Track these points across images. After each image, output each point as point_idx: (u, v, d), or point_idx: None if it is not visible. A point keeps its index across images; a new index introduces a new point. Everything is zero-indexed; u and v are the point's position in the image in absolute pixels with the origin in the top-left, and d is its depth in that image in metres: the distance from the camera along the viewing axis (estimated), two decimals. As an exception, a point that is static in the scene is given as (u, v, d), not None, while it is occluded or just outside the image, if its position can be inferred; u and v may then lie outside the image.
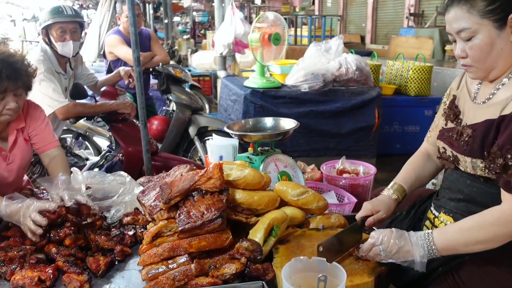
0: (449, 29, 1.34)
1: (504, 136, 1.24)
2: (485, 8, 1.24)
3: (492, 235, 1.26)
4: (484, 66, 1.32)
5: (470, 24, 1.27)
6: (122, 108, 2.79)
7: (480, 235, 1.27)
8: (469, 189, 1.40)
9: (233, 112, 4.28)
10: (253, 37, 3.78)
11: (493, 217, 1.27)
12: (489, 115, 1.31)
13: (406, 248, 1.31)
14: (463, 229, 1.30)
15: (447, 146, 1.49)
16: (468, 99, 1.46)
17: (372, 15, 12.15)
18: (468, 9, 1.26)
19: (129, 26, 2.24)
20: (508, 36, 1.27)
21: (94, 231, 1.61)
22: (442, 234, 1.31)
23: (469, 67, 1.35)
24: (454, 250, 1.31)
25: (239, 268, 1.32)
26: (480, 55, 1.29)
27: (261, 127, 2.03)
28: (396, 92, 4.88)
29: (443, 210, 1.48)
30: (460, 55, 1.34)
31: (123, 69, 3.10)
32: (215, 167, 1.52)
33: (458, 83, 1.57)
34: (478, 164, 1.34)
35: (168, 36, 10.74)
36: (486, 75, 1.35)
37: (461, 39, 1.31)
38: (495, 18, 1.24)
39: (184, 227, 1.39)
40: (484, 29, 1.26)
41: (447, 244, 1.30)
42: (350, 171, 2.46)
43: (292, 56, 6.09)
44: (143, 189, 1.75)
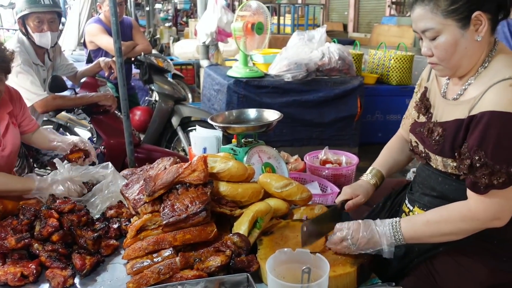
0: (415, 28, 1.34)
1: (472, 137, 1.25)
2: (448, 8, 1.24)
3: (457, 230, 1.31)
4: (449, 65, 1.32)
5: (434, 24, 1.26)
6: (103, 100, 2.75)
7: (446, 229, 1.32)
8: (441, 186, 1.42)
9: (216, 102, 4.26)
10: (236, 26, 3.76)
11: (460, 213, 1.31)
12: (458, 114, 1.32)
13: (375, 239, 1.34)
14: (430, 222, 1.33)
15: (419, 142, 1.50)
16: (438, 94, 1.47)
17: (354, 4, 12.17)
18: (432, 9, 1.26)
19: (110, 16, 2.20)
20: (472, 35, 1.27)
21: (79, 226, 1.60)
22: (410, 225, 1.35)
23: (435, 65, 1.36)
24: (419, 239, 1.37)
25: (224, 261, 1.33)
26: (445, 54, 1.30)
27: (244, 118, 2.03)
28: (378, 81, 4.92)
29: (417, 205, 1.51)
30: (427, 53, 1.34)
31: (103, 60, 3.04)
32: (199, 159, 1.52)
33: (428, 73, 1.57)
34: (449, 163, 1.36)
35: (149, 24, 10.56)
36: (452, 73, 1.36)
37: (426, 38, 1.32)
38: (458, 17, 1.24)
39: (168, 221, 1.39)
40: (448, 29, 1.26)
41: (414, 235, 1.34)
42: (333, 161, 2.48)
43: (275, 45, 6.07)
44: (127, 182, 1.74)
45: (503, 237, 1.36)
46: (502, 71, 1.26)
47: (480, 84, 1.29)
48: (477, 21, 1.25)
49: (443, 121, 1.39)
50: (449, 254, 1.40)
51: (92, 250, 1.49)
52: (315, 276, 1.17)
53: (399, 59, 4.70)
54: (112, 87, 3.71)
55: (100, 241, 1.53)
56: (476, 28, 1.26)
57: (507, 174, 1.19)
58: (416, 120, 1.55)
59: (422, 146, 1.47)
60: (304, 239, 1.39)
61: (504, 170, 1.19)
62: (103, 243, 1.53)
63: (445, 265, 1.40)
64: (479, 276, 1.36)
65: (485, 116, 1.21)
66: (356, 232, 1.35)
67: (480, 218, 1.28)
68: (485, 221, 1.28)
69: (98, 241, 1.52)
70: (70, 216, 1.59)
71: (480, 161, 1.22)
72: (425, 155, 1.46)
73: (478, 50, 1.30)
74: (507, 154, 1.19)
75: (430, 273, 1.41)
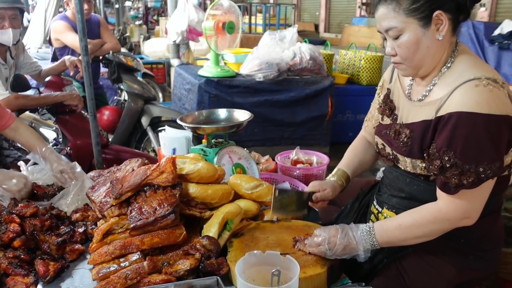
0: (378, 28, 1.36)
1: (441, 137, 1.26)
2: (410, 7, 1.26)
3: (429, 232, 1.33)
4: (412, 64, 1.34)
5: (397, 22, 1.28)
6: (69, 100, 2.66)
7: (418, 232, 1.34)
8: (410, 188, 1.44)
9: (187, 102, 4.22)
10: (207, 25, 3.73)
11: (431, 215, 1.33)
12: (425, 115, 1.34)
13: (351, 246, 1.35)
14: (402, 227, 1.35)
15: (385, 144, 1.51)
16: (403, 95, 1.48)
17: (325, 4, 12.29)
18: (394, 8, 1.28)
19: (76, 13, 2.14)
20: (433, 34, 1.29)
21: (43, 231, 1.54)
22: (383, 231, 1.36)
23: (399, 64, 1.37)
24: (394, 243, 1.39)
25: (193, 264, 1.31)
26: (408, 53, 1.31)
27: (214, 119, 2.01)
28: (349, 81, 4.98)
29: (385, 206, 1.52)
30: (390, 52, 1.36)
31: (69, 58, 2.94)
32: (168, 161, 1.49)
33: (390, 75, 1.59)
34: (418, 164, 1.38)
35: (119, 22, 10.37)
36: (415, 73, 1.38)
37: (390, 37, 1.33)
38: (420, 16, 1.27)
39: (136, 224, 1.35)
40: (410, 28, 1.28)
41: (388, 239, 1.36)
42: (304, 161, 2.48)
43: (247, 44, 6.06)
44: (93, 185, 1.69)
45: (469, 236, 1.38)
46: (467, 72, 1.28)
47: (445, 84, 1.31)
48: (438, 20, 1.28)
49: (409, 122, 1.40)
50: (417, 254, 1.42)
51: (56, 255, 1.44)
52: (285, 278, 1.16)
53: (369, 60, 4.77)
54: (79, 86, 3.61)
55: (65, 246, 1.48)
56: (437, 27, 1.29)
57: (476, 173, 1.21)
58: (381, 122, 1.56)
59: (390, 148, 1.48)
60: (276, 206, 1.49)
61: (473, 169, 1.21)
62: (68, 248, 1.48)
63: (414, 264, 1.42)
64: (447, 275, 1.38)
65: (453, 117, 1.23)
66: (333, 238, 1.35)
67: (450, 218, 1.30)
68: (455, 220, 1.30)
69: (63, 246, 1.47)
70: (32, 220, 1.53)
71: (449, 161, 1.24)
72: (393, 157, 1.48)
73: (440, 49, 1.33)
74: (475, 154, 1.21)
75: (399, 273, 1.43)
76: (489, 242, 1.43)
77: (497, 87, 1.22)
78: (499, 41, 4.20)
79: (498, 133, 1.21)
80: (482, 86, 1.21)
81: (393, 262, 1.45)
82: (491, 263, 1.44)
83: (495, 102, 1.20)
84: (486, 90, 1.20)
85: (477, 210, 1.29)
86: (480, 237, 1.40)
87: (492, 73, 1.27)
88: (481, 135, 1.20)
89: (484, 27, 4.45)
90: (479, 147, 1.21)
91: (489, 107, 1.19)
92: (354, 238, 1.35)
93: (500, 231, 1.49)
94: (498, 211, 1.46)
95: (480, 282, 1.55)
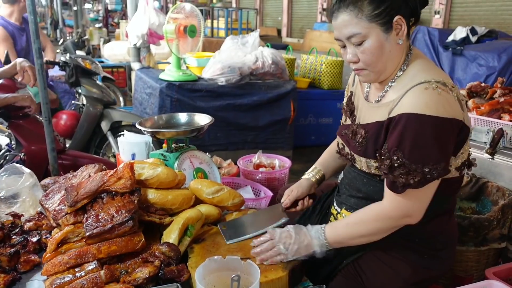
0: (338, 35, 1.36)
1: (391, 138, 1.29)
2: (372, 13, 1.28)
3: (373, 230, 1.36)
4: (376, 69, 1.36)
5: (360, 29, 1.30)
6: (20, 101, 2.53)
7: (363, 230, 1.37)
8: (366, 188, 1.47)
9: (149, 106, 4.15)
10: (168, 29, 3.68)
11: (374, 214, 1.36)
12: (379, 116, 1.37)
13: (306, 242, 1.36)
14: (349, 225, 1.38)
15: (344, 144, 1.55)
16: (362, 97, 1.51)
17: (287, 9, 12.40)
18: (357, 14, 1.29)
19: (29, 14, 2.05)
20: (394, 39, 1.32)
21: None
22: (333, 229, 1.39)
23: (361, 70, 1.38)
24: (342, 243, 1.40)
25: (153, 272, 1.28)
26: (372, 58, 1.33)
27: (175, 123, 1.97)
28: (311, 85, 5.04)
29: (344, 207, 1.54)
30: (352, 59, 1.36)
31: (20, 62, 2.79)
32: (125, 166, 1.45)
33: (353, 79, 1.62)
34: (372, 164, 1.40)
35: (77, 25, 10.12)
36: (377, 78, 1.40)
37: (351, 44, 1.34)
38: (382, 21, 1.29)
39: (92, 232, 1.30)
40: (373, 33, 1.30)
41: (337, 238, 1.38)
42: (266, 164, 2.49)
43: (209, 48, 6.03)
44: (47, 192, 1.62)
45: (423, 235, 1.42)
46: (418, 75, 1.32)
47: (399, 87, 1.35)
48: (398, 25, 1.31)
49: (365, 123, 1.43)
50: (374, 253, 1.44)
51: (7, 267, 1.37)
52: (246, 283, 1.15)
53: (330, 64, 4.85)
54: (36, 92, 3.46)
55: (18, 257, 1.41)
56: (397, 32, 1.32)
57: (422, 173, 1.25)
58: (343, 123, 1.59)
59: (348, 148, 1.51)
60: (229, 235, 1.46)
61: (420, 169, 1.24)
62: (22, 259, 1.41)
63: (370, 264, 1.44)
64: (402, 274, 1.41)
65: (402, 118, 1.26)
66: (288, 238, 1.36)
67: (392, 216, 1.33)
68: (398, 218, 1.33)
69: (16, 257, 1.40)
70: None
71: (398, 161, 1.27)
72: (350, 156, 1.50)
73: (399, 53, 1.36)
74: (422, 154, 1.25)
75: (357, 273, 1.45)
76: (443, 241, 1.46)
77: (446, 91, 1.26)
78: (453, 47, 4.35)
79: (445, 135, 1.25)
80: (431, 89, 1.25)
81: (352, 263, 1.47)
82: (446, 262, 1.48)
83: (443, 105, 1.24)
84: (435, 93, 1.24)
85: (420, 210, 1.32)
86: (433, 237, 1.44)
87: (443, 77, 1.31)
88: (428, 136, 1.23)
89: (438, 33, 4.61)
90: (426, 148, 1.24)
91: (437, 109, 1.23)
92: (309, 235, 1.37)
93: (453, 230, 1.53)
94: (451, 212, 1.51)
95: (436, 280, 1.59)
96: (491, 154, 2.45)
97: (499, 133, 2.44)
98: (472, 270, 2.09)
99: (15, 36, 3.62)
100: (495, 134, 2.45)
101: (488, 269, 1.70)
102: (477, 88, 2.99)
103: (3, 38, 3.58)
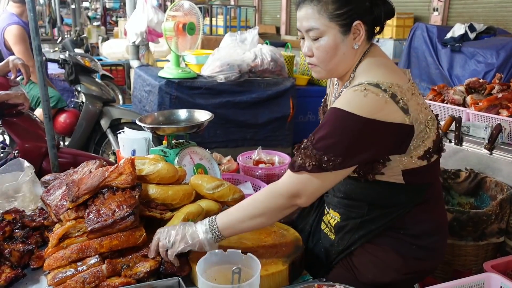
0: (299, 26, 1.38)
1: None
2: (334, 12, 1.30)
3: (263, 209, 1.33)
4: (327, 68, 1.39)
5: (319, 24, 1.32)
6: (13, 98, 2.52)
7: (254, 211, 1.34)
8: (344, 187, 1.47)
9: (148, 104, 4.15)
10: (167, 26, 3.68)
11: (266, 191, 1.35)
12: None
13: (191, 231, 1.31)
14: (240, 206, 1.36)
15: None
16: (332, 98, 1.55)
17: (286, 7, 12.41)
18: (320, 10, 1.31)
19: (28, 11, 2.05)
20: (350, 43, 1.35)
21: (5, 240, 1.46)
22: (224, 214, 1.36)
23: (314, 66, 1.41)
24: (234, 228, 1.35)
25: (154, 266, 1.29)
26: (325, 56, 1.35)
27: (174, 119, 1.98)
28: (310, 82, 5.03)
29: (331, 207, 1.55)
30: (307, 53, 1.39)
31: (13, 60, 2.77)
32: (126, 162, 1.46)
33: (329, 80, 1.64)
34: None
35: (76, 23, 10.10)
36: (328, 76, 1.43)
37: (309, 38, 1.36)
38: (342, 23, 1.31)
39: (93, 227, 1.32)
40: (331, 32, 1.32)
41: (227, 223, 1.33)
42: (266, 161, 2.50)
43: (208, 46, 6.03)
44: (48, 188, 1.63)
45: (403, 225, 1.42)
46: (357, 77, 1.36)
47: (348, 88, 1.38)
48: (356, 30, 1.34)
49: None
50: (364, 248, 1.45)
51: (15, 263, 1.38)
52: (247, 276, 1.16)
53: (328, 61, 4.85)
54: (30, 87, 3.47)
55: (30, 255, 1.42)
56: (354, 36, 1.34)
57: (319, 160, 1.25)
58: None
59: None
60: None
61: (318, 156, 1.26)
62: (35, 255, 1.42)
63: (362, 257, 1.45)
64: (394, 265, 1.42)
65: (329, 111, 1.30)
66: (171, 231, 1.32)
67: (282, 192, 1.32)
68: (288, 196, 1.31)
69: (28, 254, 1.41)
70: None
71: (305, 143, 1.30)
72: None
73: (353, 57, 1.39)
74: (327, 144, 1.26)
75: (350, 267, 1.46)
76: (427, 230, 1.45)
77: (376, 93, 1.26)
78: (451, 44, 4.36)
79: (361, 135, 1.25)
80: (359, 91, 1.27)
81: (345, 258, 1.48)
82: (436, 253, 1.47)
83: (365, 105, 1.25)
84: (361, 94, 1.26)
85: (310, 194, 1.31)
86: (415, 226, 1.43)
87: (383, 78, 1.30)
88: (340, 130, 1.25)
89: (437, 30, 4.61)
90: (332, 139, 1.26)
91: (356, 107, 1.24)
92: (194, 225, 1.33)
93: (440, 219, 1.51)
94: (434, 200, 1.48)
95: (430, 272, 1.59)
96: (490, 149, 2.47)
97: (497, 128, 2.45)
98: (471, 265, 2.11)
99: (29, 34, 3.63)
100: (493, 129, 2.46)
101: (486, 263, 1.72)
102: (475, 84, 3.00)
103: (22, 37, 3.57)
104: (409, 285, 1.53)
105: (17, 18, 3.72)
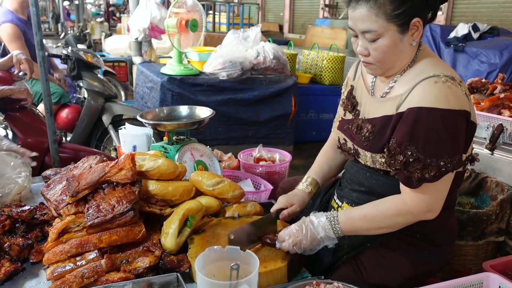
0: (353, 26, 1.35)
1: (401, 132, 1.29)
2: (392, 13, 1.26)
3: (392, 223, 1.36)
4: (385, 66, 1.37)
5: (377, 27, 1.28)
6: (17, 93, 2.53)
7: (382, 223, 1.37)
8: (369, 182, 1.47)
9: (150, 100, 4.15)
10: (169, 23, 3.68)
11: (396, 208, 1.35)
12: (386, 110, 1.37)
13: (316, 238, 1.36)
14: (367, 217, 1.37)
15: (347, 139, 1.54)
16: (365, 91, 1.50)
17: (289, 5, 12.39)
18: (376, 12, 1.27)
19: (31, 6, 2.06)
20: (409, 40, 1.32)
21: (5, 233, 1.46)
22: (348, 220, 1.38)
23: (370, 64, 1.38)
24: (356, 233, 1.41)
25: (153, 261, 1.29)
26: (383, 56, 1.33)
27: (176, 115, 1.98)
28: (312, 81, 5.04)
29: (345, 200, 1.54)
30: (363, 52, 1.36)
31: (16, 54, 2.78)
32: (127, 157, 1.46)
33: (354, 72, 1.61)
34: (377, 159, 1.40)
35: (79, 19, 10.11)
36: (384, 73, 1.40)
37: (365, 39, 1.33)
38: (400, 22, 1.28)
39: (93, 222, 1.32)
40: (389, 33, 1.29)
41: (352, 229, 1.39)
42: (266, 158, 2.50)
43: (211, 43, 6.03)
44: (48, 183, 1.64)
45: (424, 231, 1.43)
46: (426, 70, 1.32)
47: (406, 81, 1.35)
48: (414, 26, 1.31)
49: (371, 117, 1.43)
50: (375, 248, 1.45)
51: (15, 257, 1.38)
52: (245, 273, 1.16)
53: (331, 60, 4.84)
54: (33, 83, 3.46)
55: (30, 248, 1.42)
56: (412, 32, 1.31)
57: (437, 167, 1.25)
58: (343, 117, 1.58)
59: (351, 142, 1.51)
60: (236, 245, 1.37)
61: (434, 163, 1.25)
62: (34, 249, 1.43)
63: (371, 258, 1.45)
64: (401, 268, 1.42)
65: (413, 112, 1.27)
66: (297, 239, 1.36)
67: (414, 211, 1.33)
68: (419, 213, 1.33)
69: (27, 248, 1.41)
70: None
71: (412, 156, 1.27)
72: (354, 151, 1.50)
73: (410, 53, 1.37)
74: (436, 148, 1.25)
75: (357, 266, 1.46)
76: (443, 236, 1.47)
77: (454, 84, 1.26)
78: (454, 44, 4.34)
79: (456, 127, 1.26)
80: (441, 83, 1.25)
81: (353, 257, 1.48)
82: (444, 256, 1.49)
83: (453, 97, 1.25)
84: (444, 86, 1.25)
85: (439, 203, 1.33)
86: (434, 232, 1.45)
87: (450, 72, 1.31)
88: (441, 129, 1.24)
89: (440, 30, 4.59)
90: (439, 141, 1.25)
91: (447, 102, 1.24)
92: (316, 231, 1.37)
93: (453, 225, 1.54)
94: (452, 207, 1.51)
95: (433, 274, 1.60)
96: (491, 149, 2.46)
97: (499, 128, 2.44)
98: (471, 264, 2.11)
99: (26, 30, 3.61)
100: (495, 129, 2.45)
101: (486, 262, 1.71)
102: (478, 84, 2.99)
103: (16, 36, 3.55)
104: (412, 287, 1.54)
105: (12, 15, 3.68)
